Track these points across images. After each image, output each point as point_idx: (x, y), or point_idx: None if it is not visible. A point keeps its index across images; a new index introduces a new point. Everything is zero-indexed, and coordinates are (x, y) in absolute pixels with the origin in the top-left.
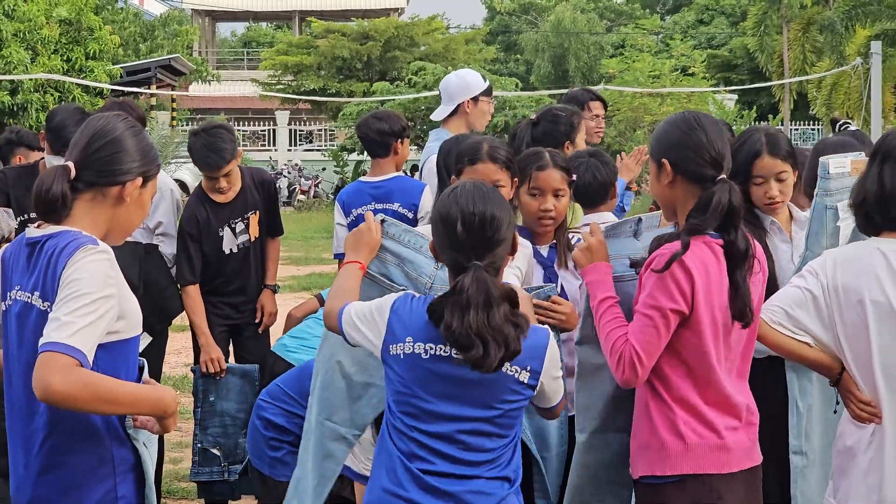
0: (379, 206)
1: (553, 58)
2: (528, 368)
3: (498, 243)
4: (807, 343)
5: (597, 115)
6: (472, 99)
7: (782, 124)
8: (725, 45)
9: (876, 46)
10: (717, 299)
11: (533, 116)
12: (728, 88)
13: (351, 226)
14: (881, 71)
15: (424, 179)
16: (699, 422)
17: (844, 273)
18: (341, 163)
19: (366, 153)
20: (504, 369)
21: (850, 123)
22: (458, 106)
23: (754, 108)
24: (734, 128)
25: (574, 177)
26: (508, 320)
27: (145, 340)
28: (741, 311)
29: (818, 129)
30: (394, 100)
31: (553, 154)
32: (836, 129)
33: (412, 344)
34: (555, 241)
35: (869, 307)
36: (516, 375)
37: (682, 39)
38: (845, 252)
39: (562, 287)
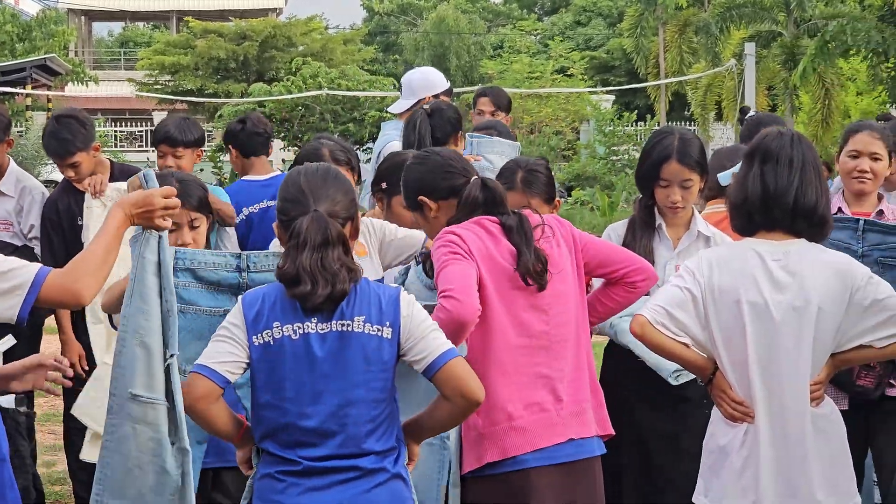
0: (273, 203)
1: (433, 57)
2: (388, 324)
3: (336, 198)
4: (685, 344)
5: (482, 111)
6: (432, 97)
7: (659, 125)
8: (603, 46)
9: (750, 48)
10: (498, 265)
11: (426, 107)
12: (605, 89)
13: (242, 225)
14: (755, 72)
15: None
16: (489, 406)
17: (721, 274)
18: (219, 164)
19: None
20: (366, 329)
21: (756, 112)
22: (417, 102)
23: (633, 109)
24: (610, 129)
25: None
26: (342, 263)
27: (7, 343)
28: (525, 270)
29: (693, 130)
30: (270, 100)
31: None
32: (744, 118)
33: (280, 328)
34: None
35: (745, 308)
36: (379, 334)
37: (560, 41)
38: (721, 253)
39: None
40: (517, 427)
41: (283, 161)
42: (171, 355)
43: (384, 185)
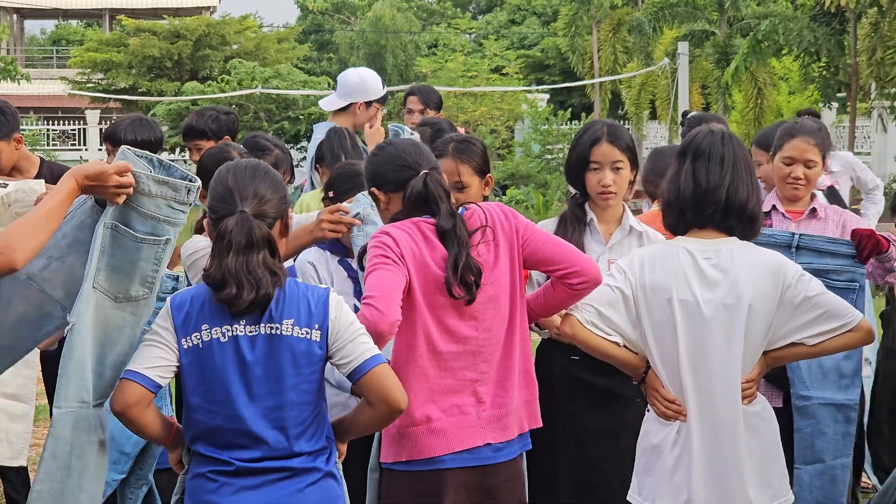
0: None
1: (368, 56)
2: (317, 326)
3: (265, 197)
4: (616, 343)
5: (411, 110)
6: (365, 102)
7: None
8: (537, 45)
9: (683, 47)
10: (430, 273)
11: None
12: (540, 88)
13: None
14: (688, 71)
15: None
16: (409, 407)
17: (653, 272)
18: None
19: (177, 152)
20: (295, 332)
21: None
22: (350, 104)
23: (568, 108)
24: (546, 127)
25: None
26: (266, 266)
27: None
28: (450, 287)
29: (628, 129)
30: (204, 98)
31: None
32: (685, 120)
33: (209, 330)
34: None
35: (676, 306)
36: (308, 337)
37: (495, 39)
38: (653, 251)
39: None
40: (435, 429)
41: None
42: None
43: (331, 194)
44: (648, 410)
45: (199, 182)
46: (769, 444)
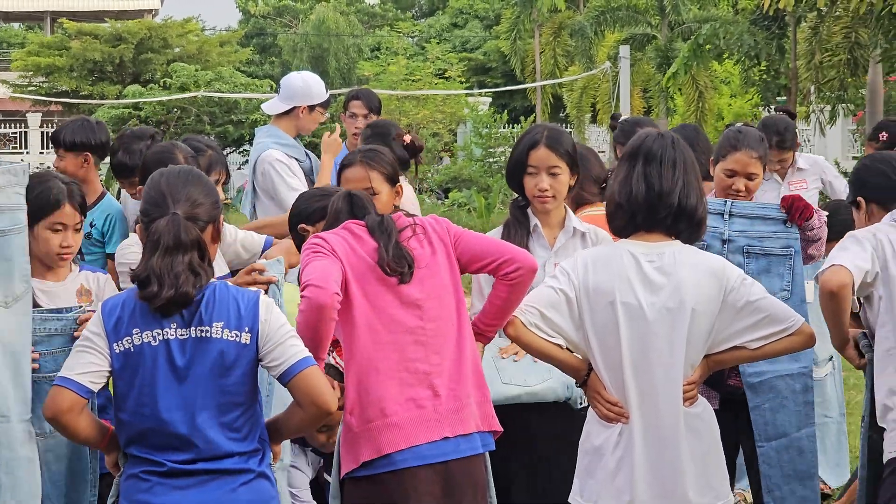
0: None
1: (311, 59)
2: (247, 329)
3: (197, 201)
4: (558, 345)
5: (354, 114)
6: (308, 107)
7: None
8: (480, 48)
9: (624, 51)
10: (364, 262)
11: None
12: (482, 91)
13: None
14: (629, 75)
15: (259, 178)
16: (363, 404)
17: (596, 274)
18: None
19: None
20: (225, 335)
21: (627, 119)
22: (293, 108)
23: (510, 111)
24: (487, 131)
25: None
26: (191, 268)
27: None
28: (382, 260)
29: (569, 133)
30: (146, 101)
31: None
32: (616, 123)
33: (140, 334)
34: None
35: (619, 308)
36: (237, 339)
37: (437, 43)
38: (596, 254)
39: None
40: (392, 424)
41: None
42: None
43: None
44: (590, 413)
45: (28, 164)
46: (710, 446)
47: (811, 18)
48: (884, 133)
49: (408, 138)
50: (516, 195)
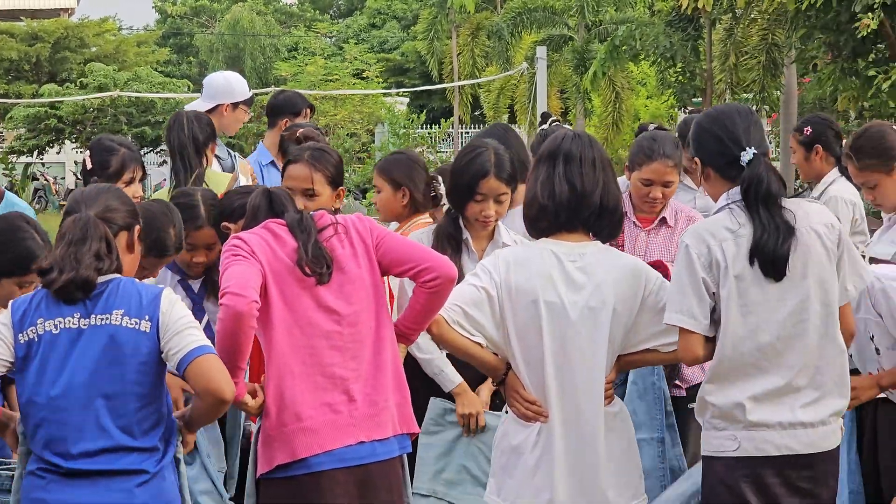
0: None
1: (228, 59)
2: (147, 318)
3: (111, 206)
4: (478, 343)
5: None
6: (231, 104)
7: (453, 127)
8: (398, 49)
9: (541, 51)
10: (283, 264)
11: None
12: (400, 91)
13: None
14: (547, 76)
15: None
16: (279, 408)
17: (518, 273)
18: (9, 166)
19: (35, 155)
20: (124, 322)
21: (558, 120)
22: (217, 107)
23: (428, 111)
24: (405, 131)
25: None
26: (96, 256)
27: None
28: (301, 260)
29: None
30: (63, 101)
31: None
32: (547, 123)
33: (43, 323)
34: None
35: (542, 307)
36: (137, 327)
37: (355, 43)
38: (518, 253)
39: (207, 322)
40: (306, 428)
41: (76, 163)
42: None
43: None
44: (507, 412)
45: None
46: (627, 445)
47: (726, 20)
48: (809, 128)
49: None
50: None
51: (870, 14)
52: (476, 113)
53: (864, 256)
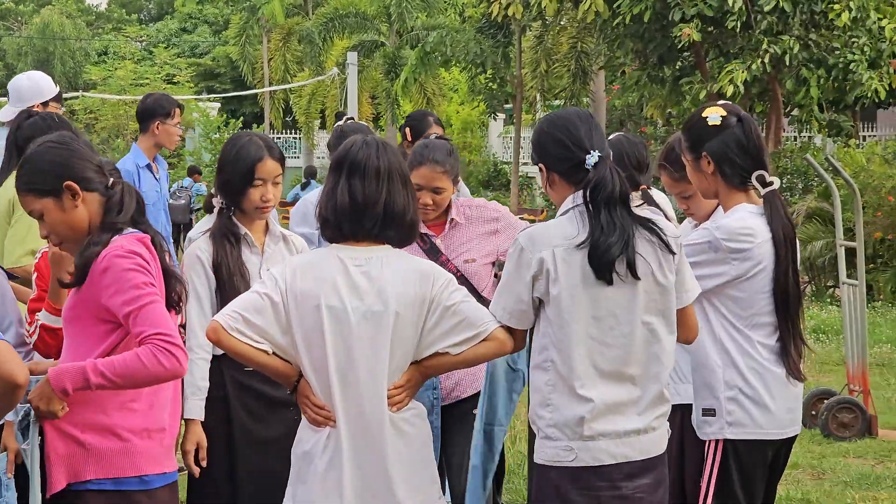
0: None
1: (36, 62)
2: None
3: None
4: (265, 350)
5: (177, 123)
6: (42, 104)
7: (265, 132)
8: (209, 53)
9: (352, 57)
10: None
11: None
12: (211, 96)
13: None
14: (358, 81)
15: None
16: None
17: (304, 279)
18: None
19: None
20: None
21: (353, 118)
22: (27, 108)
23: (240, 116)
24: (217, 136)
25: None
26: None
27: None
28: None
29: (299, 139)
30: None
31: None
32: (342, 120)
33: None
34: None
35: (325, 312)
36: None
37: (165, 47)
38: (306, 259)
39: None
40: (129, 450)
41: None
42: None
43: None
44: (302, 419)
45: None
46: (419, 450)
47: (536, 27)
48: (674, 150)
49: None
50: (222, 203)
51: (691, 24)
52: (287, 118)
53: None
